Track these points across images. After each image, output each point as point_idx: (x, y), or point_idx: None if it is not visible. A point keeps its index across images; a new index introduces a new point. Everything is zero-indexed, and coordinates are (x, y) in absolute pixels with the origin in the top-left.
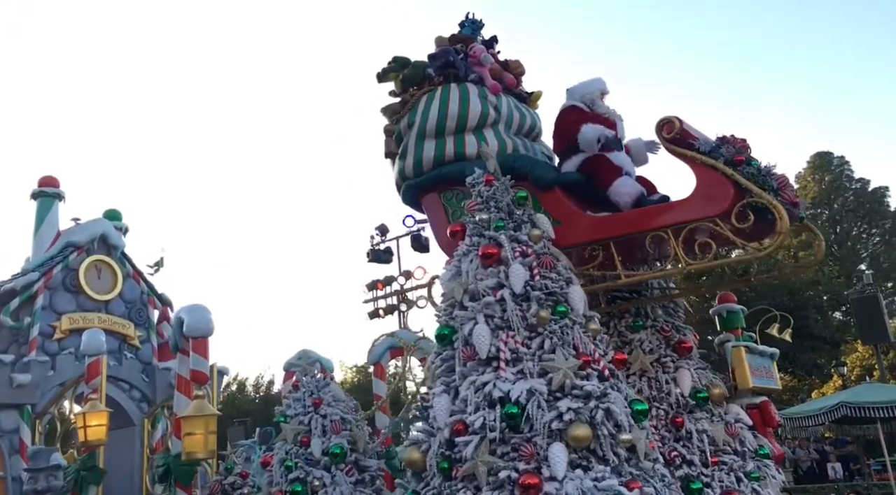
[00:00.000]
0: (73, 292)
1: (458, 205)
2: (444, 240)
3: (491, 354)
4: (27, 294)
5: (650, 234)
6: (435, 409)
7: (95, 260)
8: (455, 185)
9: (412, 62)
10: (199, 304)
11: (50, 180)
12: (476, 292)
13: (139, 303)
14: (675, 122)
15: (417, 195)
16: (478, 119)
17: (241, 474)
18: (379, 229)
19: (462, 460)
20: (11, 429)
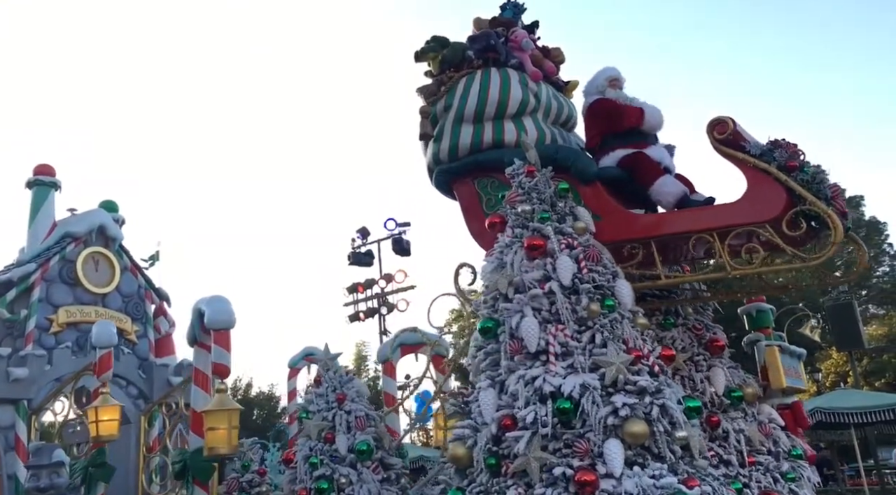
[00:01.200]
0: (70, 284)
1: (493, 193)
2: (477, 229)
3: (540, 348)
4: (24, 285)
5: (695, 236)
6: (481, 404)
7: (93, 251)
8: (491, 173)
9: (451, 43)
10: (220, 295)
11: (45, 168)
12: (521, 284)
13: (136, 298)
14: (728, 122)
15: (450, 180)
16: (518, 106)
17: (258, 471)
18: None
19: (510, 456)
20: (7, 426)
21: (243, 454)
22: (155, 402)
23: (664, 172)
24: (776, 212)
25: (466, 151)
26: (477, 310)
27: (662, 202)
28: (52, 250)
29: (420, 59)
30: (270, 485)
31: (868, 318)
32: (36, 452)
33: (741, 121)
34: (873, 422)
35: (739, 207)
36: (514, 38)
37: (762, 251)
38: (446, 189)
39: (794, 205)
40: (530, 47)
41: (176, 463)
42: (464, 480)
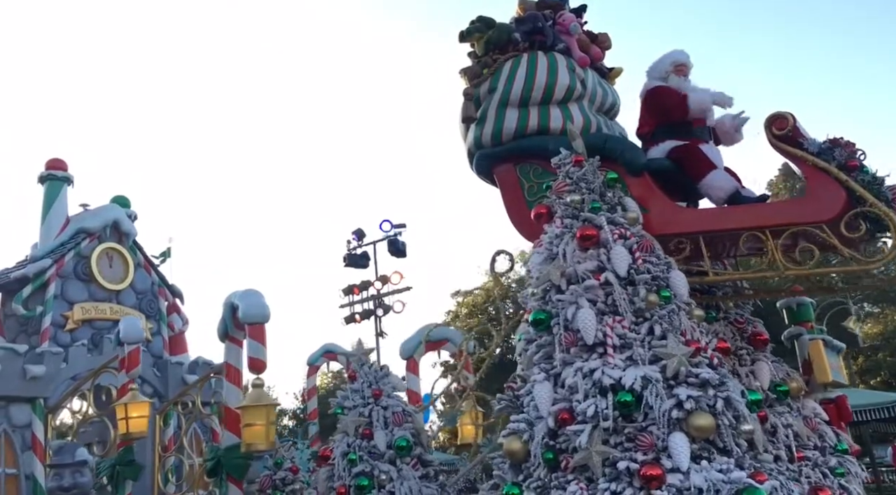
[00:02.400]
0: (84, 281)
1: (535, 180)
2: (517, 215)
3: (597, 340)
4: (39, 281)
5: (747, 233)
6: (536, 397)
7: (107, 247)
8: (533, 160)
9: (497, 24)
10: (253, 289)
11: (58, 163)
12: (574, 275)
13: (150, 294)
14: (788, 118)
15: (491, 165)
16: (564, 92)
17: (291, 469)
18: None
19: (569, 450)
20: (24, 424)
21: (275, 451)
22: (171, 401)
23: (715, 166)
24: (834, 213)
25: (510, 136)
26: (525, 302)
27: (713, 197)
28: (66, 246)
29: (465, 39)
30: (304, 483)
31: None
32: (58, 451)
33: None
34: (868, 421)
35: (796, 206)
36: (561, 21)
37: (817, 251)
38: (486, 174)
39: (853, 206)
40: (578, 31)
41: (209, 460)
42: (518, 475)
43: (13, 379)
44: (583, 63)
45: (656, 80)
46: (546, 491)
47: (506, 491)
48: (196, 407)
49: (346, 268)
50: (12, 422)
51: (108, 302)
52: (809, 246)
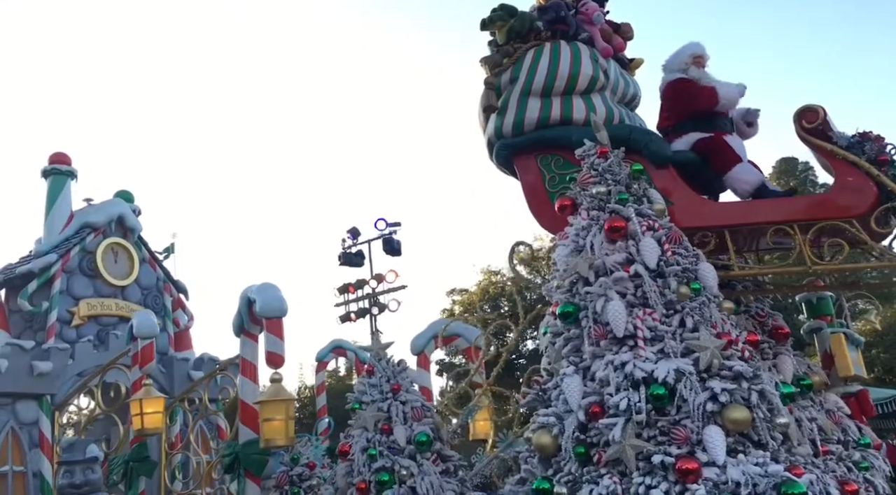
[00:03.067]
0: (90, 276)
1: (557, 171)
2: (537, 206)
3: (627, 332)
4: (45, 277)
5: (774, 228)
6: (565, 391)
7: (112, 242)
8: (555, 150)
9: (519, 12)
10: (270, 283)
11: (62, 157)
12: (602, 268)
13: (155, 290)
14: (819, 111)
15: (511, 155)
16: (587, 83)
17: (308, 464)
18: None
19: (600, 444)
20: (31, 421)
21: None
22: (177, 398)
23: (741, 159)
24: (865, 208)
25: (532, 126)
26: (550, 295)
27: (738, 190)
28: (71, 241)
29: (486, 27)
30: (321, 478)
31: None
32: (68, 448)
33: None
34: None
35: (825, 200)
36: (584, 10)
37: (847, 247)
38: (506, 164)
39: (884, 201)
40: (601, 21)
41: (226, 456)
42: (548, 469)
43: (20, 376)
44: (605, 53)
45: (676, 72)
46: (577, 485)
47: (536, 486)
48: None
49: (341, 266)
50: (19, 419)
51: (114, 297)
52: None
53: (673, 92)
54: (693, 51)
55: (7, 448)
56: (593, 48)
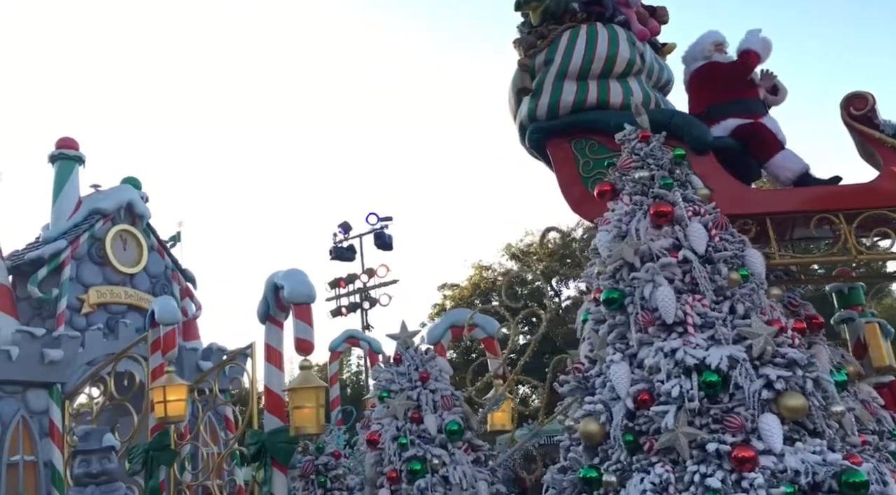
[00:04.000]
0: (99, 264)
1: (591, 156)
2: (570, 192)
3: (677, 319)
4: (55, 263)
5: (818, 216)
6: (613, 378)
7: (121, 229)
8: (590, 135)
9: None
10: (297, 269)
11: (69, 142)
12: (648, 253)
13: (163, 279)
14: (868, 98)
15: (544, 139)
16: (625, 66)
17: (333, 454)
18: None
19: (650, 432)
20: (41, 410)
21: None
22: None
23: (784, 146)
24: None
25: (567, 110)
26: (590, 282)
27: (781, 177)
28: (81, 227)
29: (520, 8)
30: (346, 468)
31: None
32: (84, 436)
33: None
34: None
35: (873, 189)
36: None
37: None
38: (538, 148)
39: None
40: (637, 3)
41: (251, 444)
42: (593, 458)
43: (31, 364)
44: (642, 36)
45: (700, 60)
46: (627, 473)
47: (583, 475)
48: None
49: (333, 261)
50: (29, 408)
51: (123, 285)
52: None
53: (699, 77)
54: (714, 38)
55: (18, 437)
56: (629, 31)
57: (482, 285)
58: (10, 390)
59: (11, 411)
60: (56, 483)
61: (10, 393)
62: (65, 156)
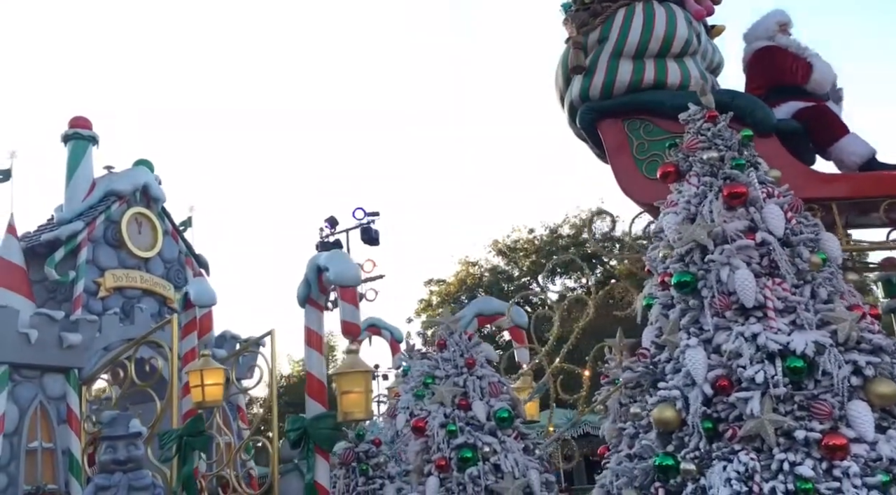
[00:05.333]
0: (114, 247)
1: (646, 137)
2: (625, 174)
3: (757, 303)
4: (72, 245)
5: (888, 202)
6: (689, 363)
7: (136, 212)
8: (645, 115)
9: None
10: (341, 251)
11: (82, 121)
12: (721, 236)
13: (177, 264)
14: None
15: (597, 119)
16: (682, 45)
17: (373, 441)
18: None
19: (729, 419)
20: (58, 396)
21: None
22: None
23: (849, 130)
24: None
25: (623, 89)
26: (654, 264)
27: (846, 161)
28: (97, 209)
29: None
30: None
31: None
32: (111, 422)
33: None
34: None
35: None
36: None
37: None
38: (590, 129)
39: None
40: None
41: (292, 431)
42: (666, 445)
43: (49, 348)
44: (698, 16)
45: (763, 40)
46: (705, 461)
47: (659, 463)
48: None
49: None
50: (46, 394)
51: (138, 269)
52: None
53: (759, 60)
54: (779, 18)
55: (36, 423)
56: (685, 10)
57: (469, 281)
58: (28, 375)
59: (29, 396)
60: (74, 470)
61: (27, 377)
62: (79, 136)
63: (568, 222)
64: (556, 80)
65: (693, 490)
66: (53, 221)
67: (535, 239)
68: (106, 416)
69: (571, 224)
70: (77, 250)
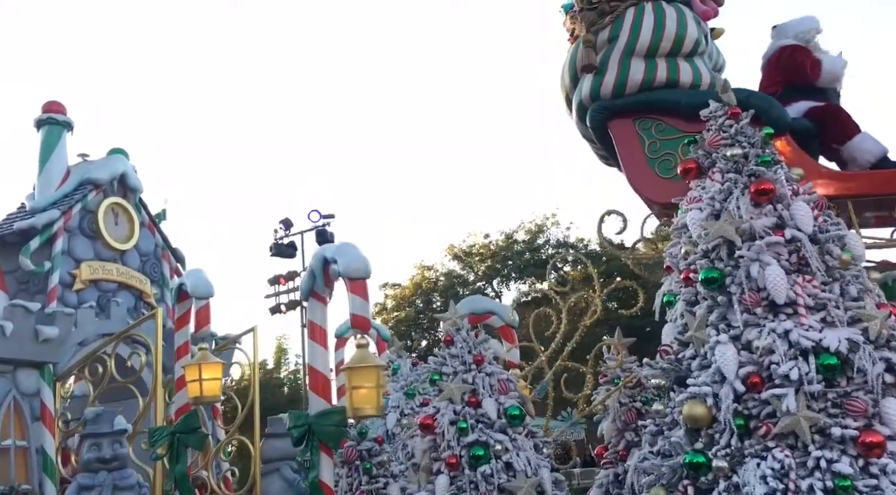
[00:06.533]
0: (90, 237)
1: (657, 136)
2: (637, 174)
3: (788, 299)
4: (47, 234)
5: None
6: (719, 359)
7: (113, 202)
8: (657, 114)
9: None
10: (349, 243)
11: (56, 106)
12: (749, 232)
13: (153, 257)
14: None
15: (607, 118)
16: (692, 45)
17: (376, 439)
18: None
19: (760, 416)
20: (32, 392)
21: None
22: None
23: (861, 129)
24: None
25: (635, 88)
26: (675, 262)
27: (859, 160)
28: (73, 197)
29: None
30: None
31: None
32: (95, 419)
33: None
34: None
35: None
36: None
37: None
38: (600, 128)
39: None
40: None
41: (296, 427)
42: (695, 442)
43: (24, 341)
44: (705, 17)
45: (790, 39)
46: (737, 458)
47: (689, 460)
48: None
49: (273, 257)
50: (20, 390)
51: (114, 262)
52: None
53: (780, 58)
54: (817, 26)
55: (9, 420)
56: (692, 10)
57: (424, 285)
58: (1, 369)
59: (3, 391)
60: (48, 471)
61: (0, 372)
62: (53, 121)
63: (523, 227)
64: (563, 79)
65: (726, 487)
66: (25, 209)
67: (491, 244)
68: (89, 413)
69: (527, 230)
70: (53, 240)
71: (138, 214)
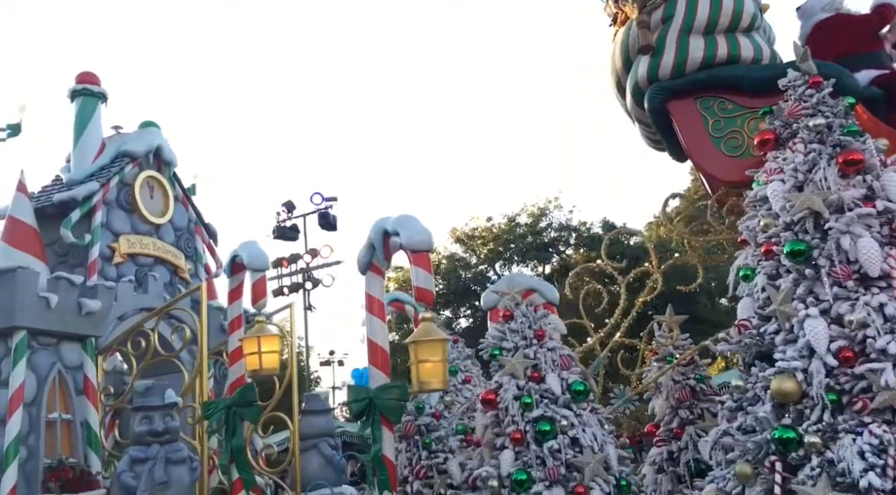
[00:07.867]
0: (127, 211)
1: (721, 114)
2: (702, 153)
3: (882, 272)
4: (87, 206)
5: None
6: (810, 334)
7: (148, 176)
8: (720, 92)
9: None
10: (410, 215)
11: (90, 77)
12: (837, 203)
13: (187, 232)
14: None
15: (667, 99)
16: (749, 20)
17: (434, 415)
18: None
19: (853, 391)
20: (75, 365)
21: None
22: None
23: None
24: None
25: (696, 66)
26: (752, 234)
27: None
28: (110, 170)
29: None
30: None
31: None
32: (146, 392)
33: None
34: None
35: None
36: None
37: None
38: (659, 109)
39: None
40: None
41: (356, 401)
42: (781, 418)
43: (67, 314)
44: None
45: (823, 13)
46: (830, 434)
47: (779, 435)
48: None
49: (276, 240)
50: (64, 363)
51: (150, 236)
52: None
53: (826, 29)
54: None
55: (55, 394)
56: None
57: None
58: (45, 342)
59: (48, 364)
60: (93, 444)
61: (44, 345)
62: (88, 92)
63: (526, 211)
64: (613, 63)
65: (819, 463)
66: (60, 182)
67: (493, 227)
68: (140, 386)
69: (529, 213)
70: (92, 212)
71: (172, 188)
